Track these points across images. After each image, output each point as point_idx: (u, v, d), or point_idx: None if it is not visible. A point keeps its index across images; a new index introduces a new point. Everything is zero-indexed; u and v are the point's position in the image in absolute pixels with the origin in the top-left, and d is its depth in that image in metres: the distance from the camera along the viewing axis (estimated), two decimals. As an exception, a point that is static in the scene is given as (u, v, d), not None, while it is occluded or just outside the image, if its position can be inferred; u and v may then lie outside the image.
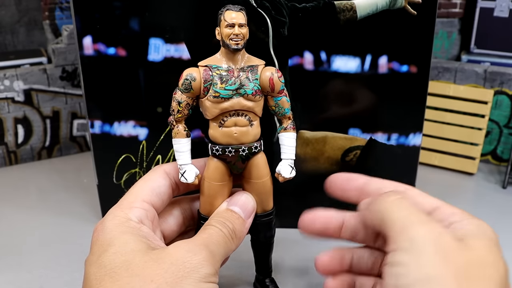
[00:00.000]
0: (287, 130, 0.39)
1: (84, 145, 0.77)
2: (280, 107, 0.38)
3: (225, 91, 0.36)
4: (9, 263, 0.51)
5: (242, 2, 0.45)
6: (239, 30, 0.35)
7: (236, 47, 0.36)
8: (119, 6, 0.46)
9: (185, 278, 0.30)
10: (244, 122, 0.37)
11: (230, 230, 0.36)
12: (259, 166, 0.39)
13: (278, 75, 0.37)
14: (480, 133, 0.67)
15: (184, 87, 0.36)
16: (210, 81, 0.36)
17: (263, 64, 0.38)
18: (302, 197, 0.54)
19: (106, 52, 0.48)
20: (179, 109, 0.37)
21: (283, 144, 0.39)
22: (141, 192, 0.37)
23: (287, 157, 0.39)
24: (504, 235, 0.55)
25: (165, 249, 0.32)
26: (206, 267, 0.31)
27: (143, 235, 0.33)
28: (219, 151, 0.37)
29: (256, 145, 0.38)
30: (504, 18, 0.72)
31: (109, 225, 0.33)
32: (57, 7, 0.78)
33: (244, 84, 0.36)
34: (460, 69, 0.69)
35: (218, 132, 0.37)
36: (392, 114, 0.50)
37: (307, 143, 0.51)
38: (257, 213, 0.40)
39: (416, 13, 0.46)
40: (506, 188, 0.65)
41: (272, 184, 0.40)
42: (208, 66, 0.36)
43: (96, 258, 0.32)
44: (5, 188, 0.66)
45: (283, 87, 0.38)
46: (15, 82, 0.69)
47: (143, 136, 0.51)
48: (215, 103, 0.36)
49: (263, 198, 0.40)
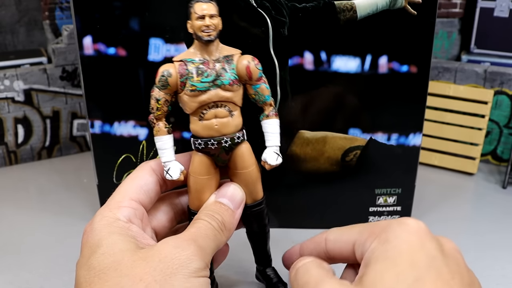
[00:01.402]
0: (270, 117, 0.38)
1: (84, 145, 0.77)
2: (260, 95, 0.38)
3: (201, 83, 0.35)
4: (9, 263, 0.51)
5: (242, 2, 0.45)
6: (210, 21, 0.35)
7: (208, 38, 0.35)
8: (119, 6, 0.46)
9: (174, 274, 0.30)
10: (224, 113, 0.37)
11: (220, 222, 0.36)
12: (244, 156, 0.38)
13: (255, 63, 0.37)
14: (480, 133, 0.67)
15: (161, 84, 0.36)
16: (186, 75, 0.36)
17: (239, 53, 0.37)
18: (302, 197, 0.54)
19: (106, 52, 0.48)
20: (158, 107, 0.37)
21: (266, 132, 0.39)
22: (129, 190, 0.36)
23: (271, 144, 0.39)
24: (504, 235, 0.55)
25: (154, 247, 0.32)
26: (195, 261, 0.31)
27: (131, 235, 0.33)
28: (201, 145, 0.37)
29: (238, 135, 0.37)
30: (504, 18, 0.72)
31: (97, 226, 0.33)
32: (57, 7, 0.78)
33: (220, 75, 0.36)
34: (460, 69, 0.69)
35: (199, 125, 0.37)
36: (392, 114, 0.50)
37: (307, 143, 0.51)
38: (247, 203, 0.39)
39: (416, 13, 0.46)
40: (506, 188, 0.65)
41: (260, 173, 0.40)
42: (183, 60, 0.36)
43: (86, 260, 0.32)
44: (5, 188, 0.66)
45: (261, 74, 0.37)
46: (15, 82, 0.69)
47: (143, 136, 0.51)
48: (193, 96, 0.36)
49: (251, 188, 0.39)
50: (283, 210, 0.54)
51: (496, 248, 0.53)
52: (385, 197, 0.54)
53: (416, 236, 0.30)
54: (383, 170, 0.53)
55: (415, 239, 0.30)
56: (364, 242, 0.31)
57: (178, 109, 0.38)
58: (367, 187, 0.53)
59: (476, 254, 0.51)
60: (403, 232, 0.30)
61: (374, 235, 0.31)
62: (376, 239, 0.31)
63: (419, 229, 0.30)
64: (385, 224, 0.31)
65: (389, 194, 0.54)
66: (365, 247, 0.31)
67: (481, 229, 0.56)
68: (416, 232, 0.30)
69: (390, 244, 0.30)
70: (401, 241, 0.29)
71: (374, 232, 0.31)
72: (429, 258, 0.29)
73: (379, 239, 0.30)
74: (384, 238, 0.30)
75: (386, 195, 0.54)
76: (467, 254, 0.51)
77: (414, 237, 0.30)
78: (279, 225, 0.55)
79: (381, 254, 0.29)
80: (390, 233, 0.30)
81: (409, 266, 0.28)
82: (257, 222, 0.41)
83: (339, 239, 0.34)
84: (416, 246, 0.29)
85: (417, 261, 0.28)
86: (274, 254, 0.44)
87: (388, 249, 0.29)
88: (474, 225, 0.57)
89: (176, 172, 0.38)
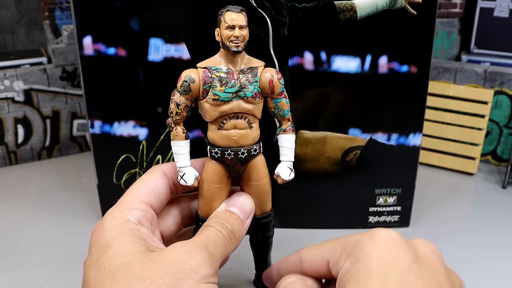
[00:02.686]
0: (287, 132, 0.39)
1: (84, 145, 0.77)
2: (280, 109, 0.38)
3: (225, 93, 0.35)
4: (9, 263, 0.51)
5: (242, 2, 0.45)
6: (239, 32, 0.35)
7: (236, 49, 0.35)
8: (119, 6, 0.46)
9: (184, 279, 0.30)
10: (243, 125, 0.36)
11: (229, 231, 0.36)
12: (258, 168, 0.38)
13: (278, 77, 0.37)
14: (480, 133, 0.67)
15: (182, 89, 0.36)
16: (209, 83, 0.35)
17: (263, 65, 0.37)
18: (302, 197, 0.54)
19: (106, 52, 0.48)
20: (178, 111, 0.37)
21: (282, 146, 0.39)
22: (139, 192, 0.36)
23: (286, 159, 0.39)
24: (504, 235, 0.55)
25: (164, 251, 0.32)
26: (205, 268, 0.31)
27: (142, 237, 0.33)
28: (218, 154, 0.37)
29: (255, 147, 0.37)
30: (504, 18, 0.72)
31: (108, 226, 0.33)
32: (57, 7, 0.78)
33: (244, 87, 0.36)
34: (460, 69, 0.69)
35: (217, 134, 0.37)
36: (392, 114, 0.50)
37: (307, 143, 0.51)
38: (256, 215, 0.40)
39: (416, 13, 0.46)
40: (506, 188, 0.65)
41: (271, 186, 0.40)
42: (208, 68, 0.36)
43: (95, 260, 0.32)
44: (5, 188, 0.66)
45: (282, 89, 0.37)
46: (15, 82, 0.69)
47: (143, 136, 0.51)
48: (215, 105, 0.36)
49: (262, 200, 0.39)
50: (283, 210, 0.54)
51: (496, 248, 0.53)
52: (385, 197, 0.54)
53: (387, 250, 0.29)
54: (383, 170, 0.53)
55: (386, 254, 0.29)
56: (338, 261, 0.31)
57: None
58: (367, 187, 0.53)
59: (476, 254, 0.51)
60: (374, 249, 0.29)
61: (346, 254, 0.31)
62: (348, 259, 0.30)
63: (390, 241, 0.30)
64: (356, 239, 0.31)
65: (389, 194, 0.54)
66: (339, 266, 0.31)
67: (481, 229, 0.56)
68: (387, 246, 0.29)
69: (361, 264, 0.29)
70: (372, 260, 0.29)
71: (345, 250, 0.31)
72: (401, 273, 0.28)
73: (351, 258, 0.30)
74: (356, 257, 0.30)
75: (386, 195, 0.54)
76: (467, 254, 0.51)
77: (385, 252, 0.29)
78: (279, 225, 0.55)
79: (353, 276, 0.29)
80: (360, 251, 0.30)
81: (380, 287, 0.28)
82: (263, 232, 0.41)
83: (313, 258, 0.34)
84: (387, 262, 0.29)
85: (388, 280, 0.28)
86: (274, 254, 0.44)
87: (359, 270, 0.29)
88: (474, 225, 0.57)
89: (191, 178, 0.38)
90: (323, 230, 0.55)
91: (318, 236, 0.53)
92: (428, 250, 0.31)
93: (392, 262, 0.29)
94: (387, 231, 0.30)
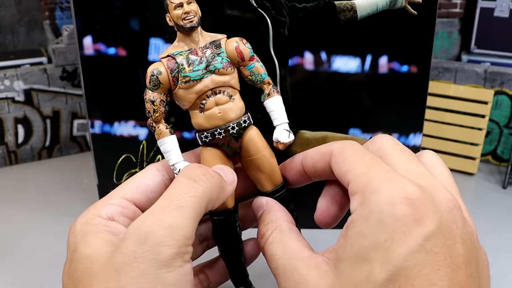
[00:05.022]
0: (271, 95, 0.36)
1: (84, 145, 0.77)
2: (256, 74, 0.36)
3: (194, 72, 0.34)
4: (9, 263, 0.51)
5: (242, 2, 0.45)
6: (188, 8, 0.34)
7: (191, 24, 0.34)
8: (119, 6, 0.46)
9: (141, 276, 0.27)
10: (224, 99, 0.35)
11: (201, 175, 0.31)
12: (254, 140, 0.36)
13: (243, 42, 0.35)
14: (480, 133, 0.67)
15: (152, 84, 0.35)
16: (176, 69, 0.34)
17: (225, 37, 0.36)
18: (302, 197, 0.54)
19: (106, 52, 0.48)
20: (155, 108, 0.35)
21: (271, 110, 0.36)
22: (124, 189, 0.35)
23: (280, 122, 0.36)
24: (504, 235, 0.55)
25: (120, 244, 0.29)
26: (165, 250, 0.27)
27: (108, 230, 0.31)
28: (208, 137, 0.35)
29: (244, 119, 0.35)
30: (504, 18, 0.72)
31: (78, 226, 0.32)
32: (57, 7, 0.78)
33: (211, 60, 0.34)
34: (460, 69, 0.69)
35: (201, 117, 0.35)
36: (392, 114, 0.50)
37: (307, 143, 0.51)
38: (269, 190, 0.37)
39: (416, 13, 0.46)
40: (506, 188, 0.65)
41: (275, 156, 0.37)
42: (170, 55, 0.35)
43: (68, 267, 0.31)
44: (5, 188, 0.66)
45: (252, 53, 0.36)
46: (15, 82, 0.69)
47: (143, 136, 0.51)
48: (188, 88, 0.34)
49: (270, 172, 0.37)
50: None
51: (496, 248, 0.53)
52: (385, 197, 0.54)
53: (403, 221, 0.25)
54: (383, 170, 0.53)
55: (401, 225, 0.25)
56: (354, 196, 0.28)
57: (175, 108, 0.37)
58: (367, 187, 0.53)
59: (476, 254, 0.51)
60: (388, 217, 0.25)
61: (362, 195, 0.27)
62: (361, 205, 0.27)
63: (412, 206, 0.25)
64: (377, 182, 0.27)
65: (389, 194, 0.54)
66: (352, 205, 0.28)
67: (481, 229, 0.56)
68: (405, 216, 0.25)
69: (369, 228, 0.26)
70: (382, 229, 0.25)
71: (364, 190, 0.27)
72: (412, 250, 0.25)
73: (362, 210, 0.27)
74: (366, 214, 0.26)
75: (386, 195, 0.54)
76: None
77: (400, 223, 0.25)
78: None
79: (358, 239, 0.26)
80: (374, 212, 0.26)
81: (383, 263, 0.25)
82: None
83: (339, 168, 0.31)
84: (398, 235, 0.25)
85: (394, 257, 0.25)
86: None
87: (366, 235, 0.26)
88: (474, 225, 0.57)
89: None
90: (323, 230, 0.55)
91: (318, 236, 0.53)
92: (457, 219, 0.27)
93: (403, 235, 0.25)
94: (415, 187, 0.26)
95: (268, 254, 0.32)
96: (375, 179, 0.27)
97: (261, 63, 0.36)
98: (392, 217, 0.25)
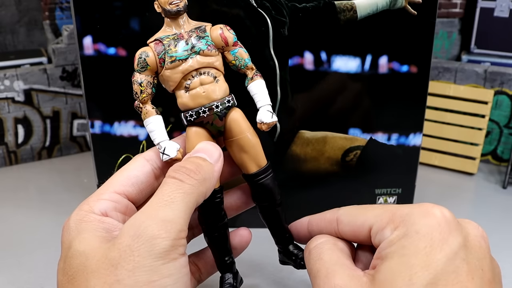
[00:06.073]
0: (254, 79, 0.38)
1: (84, 145, 0.77)
2: (240, 59, 0.38)
3: (180, 52, 0.35)
4: (9, 263, 0.51)
5: (242, 2, 0.45)
6: None
7: (177, 8, 0.36)
8: (119, 6, 0.46)
9: (136, 269, 0.28)
10: (209, 79, 0.36)
11: (192, 172, 0.32)
12: (238, 120, 0.37)
13: (227, 28, 0.37)
14: (480, 133, 0.67)
15: (140, 66, 0.36)
16: (163, 50, 0.36)
17: (210, 24, 0.37)
18: (302, 197, 0.54)
19: (106, 52, 0.48)
20: (142, 89, 0.37)
21: (254, 93, 0.38)
22: (115, 183, 0.35)
23: (263, 104, 0.37)
24: (504, 235, 0.55)
25: (116, 240, 0.29)
26: (160, 242, 0.28)
27: (104, 227, 0.31)
28: (193, 116, 0.36)
29: (228, 98, 0.37)
30: (504, 18, 0.72)
31: (72, 223, 0.32)
32: (57, 7, 0.78)
33: (197, 42, 0.36)
34: (460, 69, 0.69)
35: (186, 97, 0.36)
36: (392, 114, 0.50)
37: (307, 143, 0.51)
38: (253, 171, 0.38)
39: (416, 13, 0.46)
40: (506, 188, 0.65)
41: (258, 138, 0.38)
42: (157, 39, 0.36)
43: (62, 263, 0.31)
44: (5, 188, 0.66)
45: (235, 38, 0.37)
46: (15, 82, 0.69)
47: (143, 136, 0.51)
48: (174, 68, 0.36)
49: (253, 153, 0.37)
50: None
51: (496, 248, 0.52)
52: (385, 197, 0.54)
53: (438, 229, 0.28)
54: (383, 170, 0.53)
55: (436, 234, 0.28)
56: (383, 230, 0.30)
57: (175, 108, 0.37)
58: (367, 187, 0.53)
59: (476, 254, 0.51)
60: (424, 227, 0.28)
61: (393, 224, 0.29)
62: (395, 230, 0.29)
63: (443, 221, 0.28)
64: (407, 212, 0.29)
65: (389, 194, 0.54)
66: (383, 236, 0.29)
67: (481, 229, 0.56)
68: (439, 225, 0.28)
69: (408, 240, 0.28)
70: (420, 237, 0.28)
71: (393, 220, 0.30)
72: (449, 257, 0.27)
73: (398, 231, 0.29)
74: (404, 231, 0.28)
75: (386, 195, 0.54)
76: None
77: (435, 232, 0.28)
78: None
79: (398, 250, 0.28)
80: (410, 226, 0.28)
81: (425, 267, 0.27)
82: (267, 194, 0.38)
83: (353, 221, 0.33)
84: (436, 242, 0.27)
85: (434, 262, 0.27)
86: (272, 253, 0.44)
87: (405, 245, 0.28)
88: (474, 225, 0.57)
89: (173, 150, 0.36)
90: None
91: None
92: (478, 234, 0.29)
93: (440, 243, 0.27)
94: (441, 209, 0.29)
95: (314, 256, 0.33)
96: (403, 209, 0.30)
97: (244, 49, 0.38)
98: (427, 227, 0.28)
